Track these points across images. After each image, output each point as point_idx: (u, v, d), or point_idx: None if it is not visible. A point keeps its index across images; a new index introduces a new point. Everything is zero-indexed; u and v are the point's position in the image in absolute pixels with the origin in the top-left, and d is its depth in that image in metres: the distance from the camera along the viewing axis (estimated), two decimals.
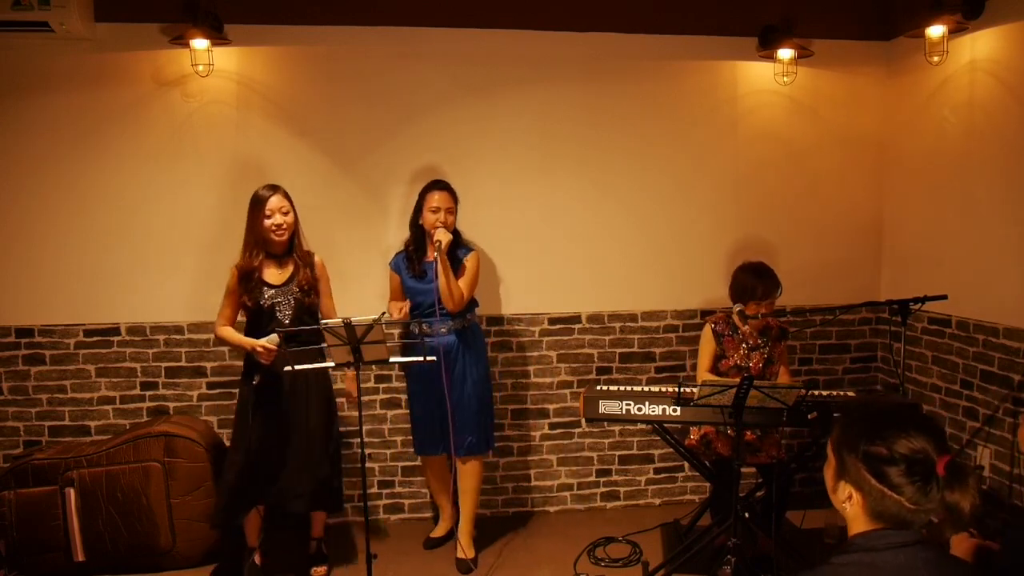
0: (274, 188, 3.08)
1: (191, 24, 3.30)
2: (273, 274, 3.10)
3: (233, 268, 3.11)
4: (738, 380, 2.74)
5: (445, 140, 3.73)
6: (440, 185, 3.35)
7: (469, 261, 3.37)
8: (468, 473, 3.46)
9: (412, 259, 3.37)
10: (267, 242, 3.08)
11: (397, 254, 3.47)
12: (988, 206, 3.34)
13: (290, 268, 3.12)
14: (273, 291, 3.07)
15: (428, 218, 3.29)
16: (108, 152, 3.56)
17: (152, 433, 3.34)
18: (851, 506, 1.38)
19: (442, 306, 3.23)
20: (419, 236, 3.38)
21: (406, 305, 3.34)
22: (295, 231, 3.12)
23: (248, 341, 3.02)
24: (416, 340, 3.36)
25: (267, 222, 3.03)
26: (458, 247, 3.38)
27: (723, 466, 3.20)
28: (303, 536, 3.38)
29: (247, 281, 3.06)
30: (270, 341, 2.97)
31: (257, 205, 3.05)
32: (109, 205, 3.58)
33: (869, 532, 1.35)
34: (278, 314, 3.07)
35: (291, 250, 3.12)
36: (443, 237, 3.21)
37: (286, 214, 3.06)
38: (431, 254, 3.30)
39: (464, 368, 3.37)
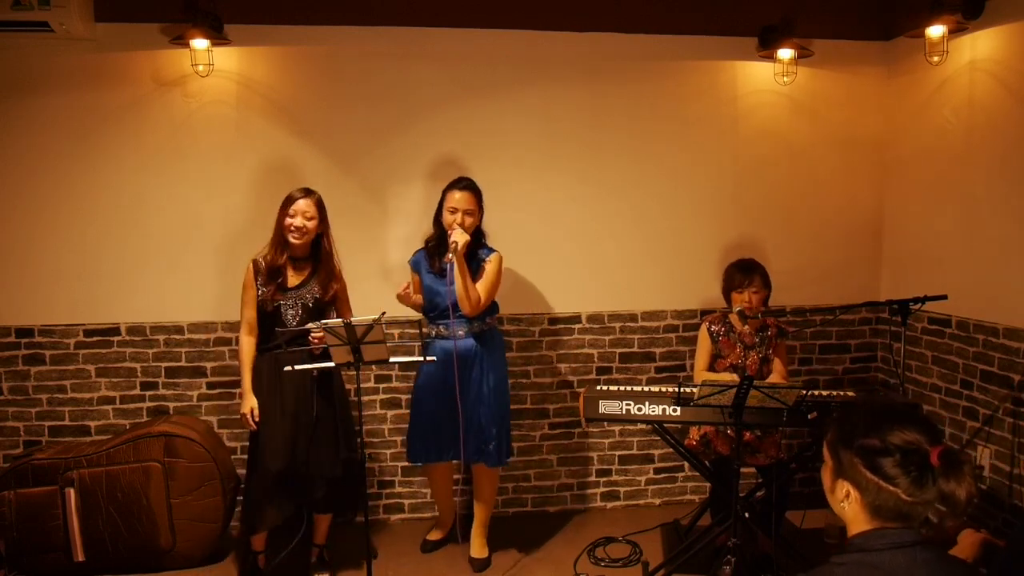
0: (308, 192, 3.05)
1: (191, 24, 3.29)
2: (290, 276, 3.07)
3: (250, 262, 3.08)
4: (737, 380, 2.75)
5: (445, 140, 3.73)
6: (461, 184, 3.23)
7: (490, 264, 3.25)
8: (486, 480, 3.40)
9: (433, 258, 3.28)
10: (286, 242, 3.05)
11: (417, 251, 3.38)
12: (988, 206, 3.34)
13: (306, 273, 3.09)
14: (283, 293, 3.05)
15: (446, 218, 3.21)
16: (108, 152, 3.56)
17: (152, 433, 3.34)
18: (849, 504, 1.38)
19: (458, 309, 3.16)
20: (441, 234, 3.27)
21: (411, 283, 3.24)
22: (320, 239, 3.09)
23: (247, 394, 3.03)
24: (422, 341, 3.32)
25: (288, 220, 3.01)
26: (479, 248, 3.28)
27: (723, 466, 3.20)
28: (306, 542, 3.34)
29: (273, 277, 3.03)
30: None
31: (285, 204, 3.04)
32: (109, 205, 3.59)
33: (868, 532, 1.35)
34: (284, 317, 3.04)
35: (311, 256, 3.10)
36: (459, 238, 3.10)
37: (310, 219, 3.02)
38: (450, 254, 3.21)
39: (481, 374, 3.26)
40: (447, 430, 3.26)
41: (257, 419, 3.02)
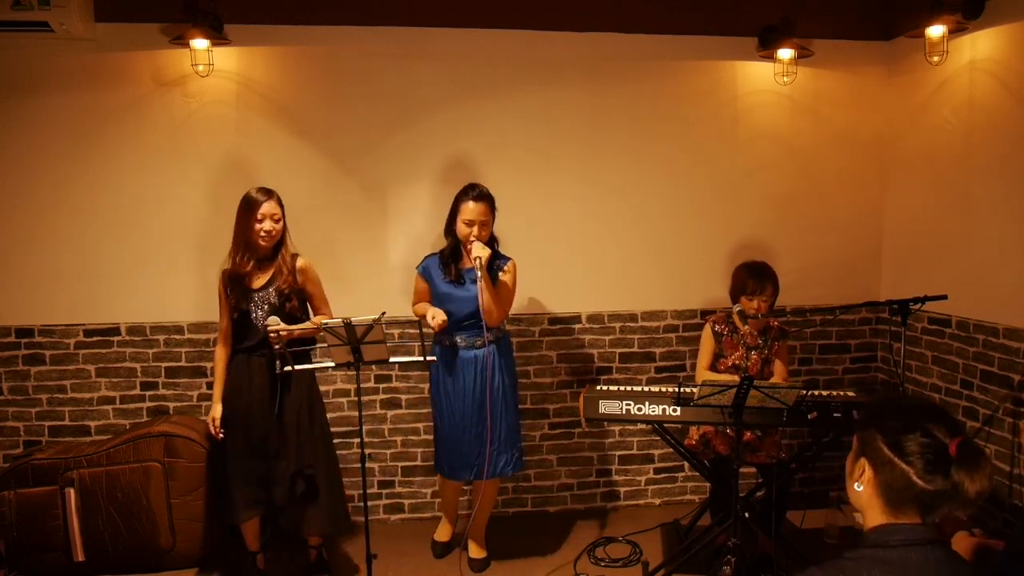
0: (268, 193, 3.01)
1: (191, 24, 3.29)
2: (255, 278, 3.05)
3: (220, 272, 3.07)
4: (738, 380, 2.74)
5: (445, 140, 3.73)
6: (475, 194, 3.13)
7: (508, 274, 3.21)
8: (491, 485, 3.39)
9: (449, 266, 3.20)
10: (253, 246, 3.03)
11: (427, 258, 3.31)
12: (988, 206, 3.34)
13: (270, 272, 3.06)
14: (248, 296, 3.02)
15: (461, 230, 3.13)
16: (108, 152, 3.56)
17: (152, 433, 3.34)
18: (864, 485, 1.40)
19: (482, 320, 3.09)
20: (456, 243, 3.20)
21: (440, 314, 3.11)
22: (283, 237, 3.07)
23: (215, 402, 3.07)
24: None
25: (257, 226, 2.98)
26: (496, 257, 3.21)
27: (722, 465, 3.20)
28: (305, 542, 3.34)
29: (236, 284, 3.02)
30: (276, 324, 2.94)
31: (249, 208, 2.99)
32: (109, 205, 3.59)
33: (883, 527, 1.36)
34: (252, 318, 3.01)
35: (274, 255, 3.06)
36: (482, 253, 3.03)
37: (277, 221, 3.00)
38: (468, 261, 3.13)
39: (502, 382, 3.22)
40: (473, 447, 3.21)
41: (219, 427, 3.05)
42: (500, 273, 3.22)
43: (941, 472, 1.31)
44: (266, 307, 3.01)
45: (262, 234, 2.99)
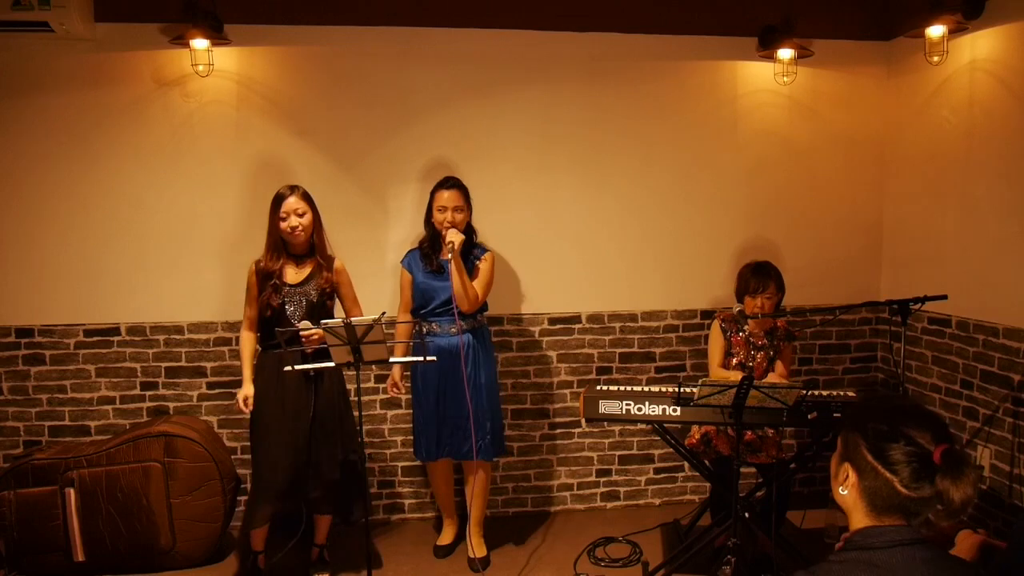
0: (293, 188, 3.06)
1: (191, 24, 3.29)
2: (290, 273, 3.08)
3: (252, 265, 3.10)
4: (738, 379, 2.75)
5: (445, 140, 3.73)
6: (447, 183, 3.28)
7: (484, 263, 3.33)
8: (480, 477, 3.42)
9: (428, 256, 3.32)
10: (285, 243, 3.07)
11: (409, 251, 3.43)
12: (988, 206, 3.34)
13: (308, 269, 3.09)
14: (287, 289, 3.05)
15: (437, 217, 3.26)
16: (108, 152, 3.56)
17: (152, 433, 3.34)
18: (848, 490, 1.39)
19: (456, 306, 3.20)
20: (434, 234, 3.33)
21: (399, 386, 3.39)
22: (315, 232, 3.10)
23: (245, 382, 3.08)
24: (422, 340, 3.34)
25: (282, 224, 3.02)
26: (473, 247, 3.34)
27: (723, 465, 3.20)
28: (306, 541, 3.34)
29: (266, 280, 3.05)
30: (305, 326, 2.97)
31: (275, 205, 3.04)
32: (109, 205, 3.59)
33: (867, 529, 1.35)
34: (288, 314, 3.04)
35: (311, 251, 3.11)
36: (455, 238, 3.16)
37: (301, 215, 3.03)
38: (447, 252, 3.23)
39: (477, 368, 3.32)
40: (448, 426, 3.32)
41: (250, 407, 3.05)
42: (476, 261, 3.31)
43: (927, 480, 1.29)
44: (304, 305, 3.05)
45: (287, 230, 3.02)
